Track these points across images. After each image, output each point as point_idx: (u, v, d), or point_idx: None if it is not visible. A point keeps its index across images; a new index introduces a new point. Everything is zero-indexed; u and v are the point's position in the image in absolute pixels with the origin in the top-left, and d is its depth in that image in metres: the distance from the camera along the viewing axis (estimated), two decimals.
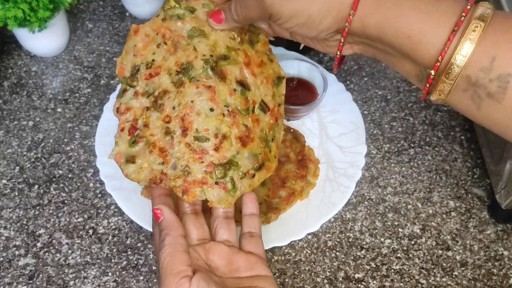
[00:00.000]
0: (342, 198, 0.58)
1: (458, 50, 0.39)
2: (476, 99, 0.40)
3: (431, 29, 0.40)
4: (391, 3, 0.42)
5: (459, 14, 0.40)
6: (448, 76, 0.40)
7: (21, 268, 0.55)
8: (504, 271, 0.55)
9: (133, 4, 0.79)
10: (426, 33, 0.41)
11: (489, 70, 0.39)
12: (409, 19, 0.41)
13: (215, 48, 0.48)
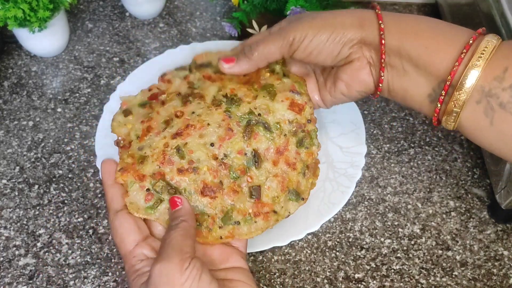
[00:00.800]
0: (342, 198, 0.58)
1: (472, 60, 0.41)
2: (488, 111, 0.41)
3: (447, 42, 0.43)
4: (410, 20, 0.46)
5: (472, 33, 0.43)
6: (463, 85, 0.41)
7: (21, 268, 0.55)
8: (504, 271, 0.55)
9: (133, 4, 0.79)
10: (442, 46, 0.43)
11: (502, 79, 0.40)
12: (426, 34, 0.44)
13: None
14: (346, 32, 0.45)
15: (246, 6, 0.71)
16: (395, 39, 0.45)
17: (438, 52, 0.43)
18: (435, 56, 0.43)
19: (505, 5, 0.57)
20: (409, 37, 0.44)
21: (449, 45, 0.43)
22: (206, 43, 0.74)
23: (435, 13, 0.82)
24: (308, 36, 0.45)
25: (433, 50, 0.43)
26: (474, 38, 0.42)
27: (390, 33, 0.45)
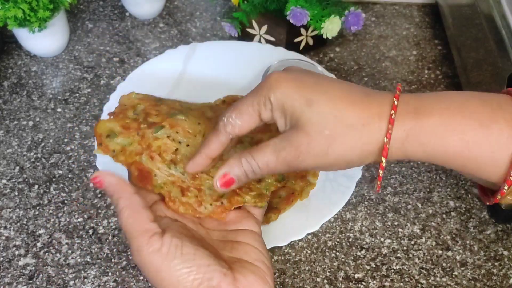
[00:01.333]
0: (342, 198, 0.58)
1: None
2: None
3: (493, 144, 0.37)
4: (434, 123, 0.37)
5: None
6: None
7: (21, 268, 0.55)
8: (504, 271, 0.55)
9: (133, 4, 0.79)
10: (485, 156, 0.37)
11: None
12: (460, 141, 0.37)
13: None
14: (353, 161, 0.40)
15: (246, 6, 0.71)
16: (420, 154, 0.38)
17: (484, 166, 0.38)
18: (481, 169, 0.38)
19: (505, 6, 0.57)
20: (438, 150, 0.38)
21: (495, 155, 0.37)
22: (206, 43, 0.74)
23: (435, 13, 0.83)
24: (320, 168, 0.44)
25: (479, 165, 0.38)
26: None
27: (413, 150, 0.38)
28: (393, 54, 0.78)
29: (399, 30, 0.82)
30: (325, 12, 0.69)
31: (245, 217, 0.45)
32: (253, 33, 0.75)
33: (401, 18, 0.84)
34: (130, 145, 0.47)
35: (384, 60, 0.77)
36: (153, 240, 0.37)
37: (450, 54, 0.76)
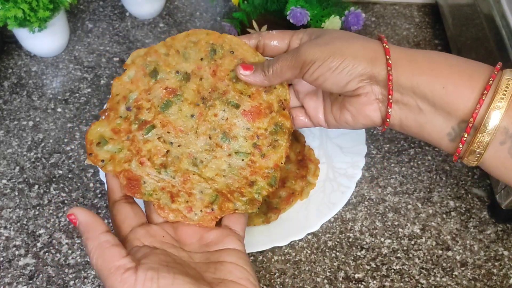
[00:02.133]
0: (342, 198, 0.58)
1: (494, 101, 0.39)
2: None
3: (465, 82, 0.41)
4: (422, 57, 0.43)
5: (491, 71, 0.41)
6: (486, 127, 0.40)
7: (21, 268, 0.55)
8: (504, 271, 0.55)
9: (133, 4, 0.79)
10: (461, 86, 0.41)
11: None
12: (442, 72, 0.42)
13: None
14: (356, 64, 0.43)
15: (246, 6, 0.71)
16: (408, 77, 0.43)
17: (456, 92, 0.41)
18: (453, 96, 0.41)
19: (505, 6, 0.57)
20: (423, 75, 0.42)
21: (467, 85, 0.41)
22: None
23: (435, 13, 0.82)
24: (317, 62, 0.44)
25: (451, 90, 0.41)
26: (493, 77, 0.40)
27: (403, 70, 0.43)
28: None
29: (399, 30, 0.82)
30: (325, 12, 0.69)
31: (227, 235, 0.45)
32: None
33: (401, 18, 0.84)
34: (119, 152, 0.47)
35: None
36: (126, 276, 0.36)
37: None
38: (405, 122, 0.45)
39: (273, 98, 0.48)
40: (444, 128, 0.43)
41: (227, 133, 0.48)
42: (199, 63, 0.49)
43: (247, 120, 0.48)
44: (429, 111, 0.43)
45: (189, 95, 0.48)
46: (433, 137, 0.44)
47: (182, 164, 0.47)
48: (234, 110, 0.48)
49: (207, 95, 0.48)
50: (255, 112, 0.48)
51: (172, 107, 0.48)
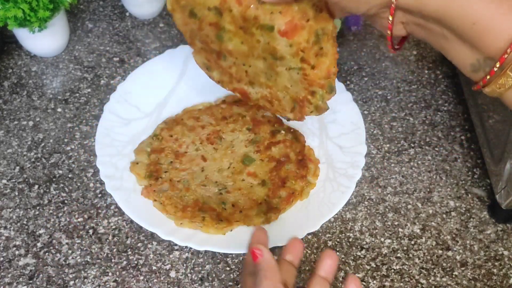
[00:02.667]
0: (342, 198, 0.58)
1: None
2: None
3: (501, 18, 0.38)
4: None
5: None
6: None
7: (21, 268, 0.55)
8: (504, 271, 0.55)
9: (133, 4, 0.79)
10: (495, 23, 0.39)
11: None
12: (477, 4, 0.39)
13: None
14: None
15: None
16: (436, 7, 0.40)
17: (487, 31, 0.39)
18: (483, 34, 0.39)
19: None
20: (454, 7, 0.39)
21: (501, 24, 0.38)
22: None
23: None
24: None
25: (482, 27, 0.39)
26: None
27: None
28: (393, 54, 0.78)
29: None
30: None
31: None
32: None
33: None
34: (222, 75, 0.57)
35: (384, 60, 0.76)
36: None
37: None
38: (429, 41, 0.44)
39: (304, 5, 0.46)
40: (469, 58, 0.41)
41: (274, 54, 0.49)
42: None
43: (287, 38, 0.47)
44: (455, 40, 0.41)
45: (230, 27, 0.50)
46: (455, 61, 0.43)
47: (261, 79, 0.53)
48: (270, 33, 0.47)
49: (243, 24, 0.49)
50: (292, 28, 0.47)
51: (224, 38, 0.51)
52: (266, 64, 0.51)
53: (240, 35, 0.50)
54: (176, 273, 0.54)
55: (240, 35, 0.50)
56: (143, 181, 0.60)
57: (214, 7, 0.49)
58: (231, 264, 0.55)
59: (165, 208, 0.57)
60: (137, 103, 0.67)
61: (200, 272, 0.55)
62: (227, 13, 0.49)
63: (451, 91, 0.72)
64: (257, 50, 0.50)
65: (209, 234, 0.55)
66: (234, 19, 0.49)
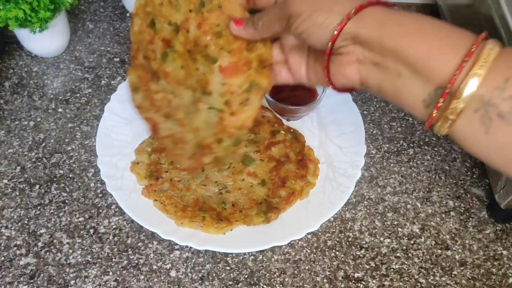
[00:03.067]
0: (341, 197, 0.58)
1: (474, 69, 0.40)
2: (485, 120, 0.40)
3: (449, 48, 0.41)
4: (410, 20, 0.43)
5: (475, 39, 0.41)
6: (461, 94, 0.40)
7: (22, 268, 0.55)
8: (503, 270, 0.55)
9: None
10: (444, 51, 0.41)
11: (503, 89, 0.39)
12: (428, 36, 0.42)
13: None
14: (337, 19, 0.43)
15: None
16: (393, 39, 0.43)
17: (439, 57, 0.42)
18: (435, 61, 0.42)
19: (504, 7, 0.57)
20: (408, 37, 0.42)
21: (451, 51, 0.41)
22: None
23: (435, 14, 0.83)
24: (303, 15, 0.43)
25: (434, 54, 0.42)
26: (476, 45, 0.41)
27: (388, 32, 0.43)
28: None
29: None
30: None
31: None
32: None
33: None
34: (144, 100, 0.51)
35: None
36: None
37: None
38: (383, 86, 0.45)
39: (253, 55, 0.48)
40: (421, 94, 0.43)
41: (205, 87, 0.48)
42: (188, 15, 0.48)
43: (223, 75, 0.48)
44: (408, 76, 0.43)
45: (180, 47, 0.49)
46: (408, 103, 0.44)
47: (180, 114, 0.50)
48: (211, 65, 0.48)
49: (192, 48, 0.49)
50: (232, 68, 0.48)
51: (168, 58, 0.49)
52: (192, 98, 0.49)
53: (184, 58, 0.49)
54: (177, 273, 0.55)
55: (184, 58, 0.49)
56: (143, 181, 0.60)
57: (175, 23, 0.49)
58: (231, 264, 0.55)
59: (166, 208, 0.57)
60: None
61: (200, 272, 0.55)
62: (183, 32, 0.48)
63: None
64: (191, 79, 0.49)
65: (209, 234, 0.56)
66: (187, 40, 0.49)
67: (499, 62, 0.40)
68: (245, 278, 0.54)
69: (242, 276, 0.54)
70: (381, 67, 0.44)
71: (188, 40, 0.49)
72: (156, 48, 0.50)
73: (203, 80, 0.48)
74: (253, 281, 0.54)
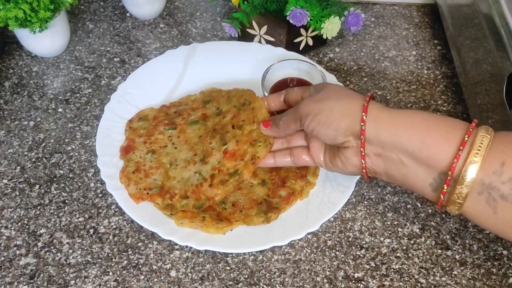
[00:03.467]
0: (341, 197, 0.58)
1: (470, 156, 0.43)
2: (491, 202, 0.43)
3: (442, 138, 0.45)
4: (401, 114, 0.47)
5: (466, 128, 0.45)
6: (464, 179, 0.43)
7: (22, 268, 0.55)
8: (503, 270, 0.55)
9: (134, 4, 0.79)
10: (439, 142, 0.45)
11: (501, 173, 0.42)
12: (420, 128, 0.46)
13: None
14: (341, 121, 0.49)
15: (246, 6, 0.71)
16: (389, 133, 0.47)
17: (435, 147, 0.45)
18: (432, 151, 0.45)
19: (504, 6, 0.57)
20: (403, 131, 0.46)
21: (445, 141, 0.45)
22: (206, 44, 0.74)
23: (435, 13, 0.83)
24: (310, 116, 0.50)
25: (430, 144, 0.45)
26: (468, 134, 0.44)
27: (383, 127, 0.47)
28: (393, 54, 0.78)
29: (399, 30, 0.82)
30: (325, 13, 0.70)
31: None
32: (253, 33, 0.76)
33: (401, 18, 0.84)
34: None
35: (383, 60, 0.77)
36: None
37: (449, 54, 0.76)
38: (389, 173, 0.49)
39: (250, 150, 0.56)
40: (426, 179, 0.47)
41: (206, 157, 0.58)
42: (232, 108, 0.62)
43: (223, 156, 0.57)
44: (411, 164, 0.47)
45: (210, 124, 0.63)
46: (417, 187, 0.48)
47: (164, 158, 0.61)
48: (221, 146, 0.58)
49: (217, 128, 0.61)
50: (231, 154, 0.57)
51: (195, 125, 0.64)
52: (189, 158, 0.60)
53: (207, 132, 0.62)
54: (177, 273, 0.55)
55: (207, 131, 0.62)
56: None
57: (221, 110, 0.64)
58: (231, 264, 0.55)
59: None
60: (137, 103, 0.67)
61: (201, 272, 0.55)
62: (221, 117, 0.62)
63: (450, 91, 0.72)
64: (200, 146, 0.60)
65: (209, 234, 0.56)
66: (219, 123, 0.61)
67: (493, 148, 0.43)
68: (245, 278, 0.54)
69: (242, 276, 0.54)
70: (383, 157, 0.49)
71: (220, 123, 0.61)
72: (193, 114, 0.65)
73: (208, 152, 0.59)
74: (253, 281, 0.54)
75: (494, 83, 0.57)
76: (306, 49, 0.76)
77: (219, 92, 0.66)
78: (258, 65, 0.70)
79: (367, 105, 0.48)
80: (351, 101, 0.49)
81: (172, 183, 0.59)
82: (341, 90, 0.52)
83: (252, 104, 0.60)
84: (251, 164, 0.56)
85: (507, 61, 0.54)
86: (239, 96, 0.62)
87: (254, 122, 0.58)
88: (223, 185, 0.56)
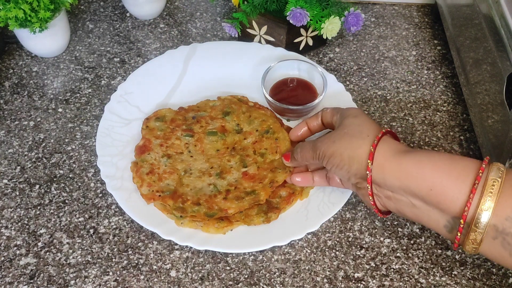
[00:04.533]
0: (341, 197, 0.58)
1: (482, 202, 0.42)
2: (506, 245, 0.43)
3: (452, 184, 0.44)
4: (409, 159, 0.47)
5: (477, 171, 0.44)
6: (477, 226, 0.43)
7: (22, 268, 0.55)
8: (503, 270, 0.55)
9: (134, 4, 0.79)
10: (448, 188, 0.44)
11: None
12: (428, 174, 0.45)
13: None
14: (351, 165, 0.50)
15: (246, 6, 0.71)
16: (396, 179, 0.47)
17: (444, 193, 0.44)
18: (442, 197, 0.44)
19: (504, 6, 0.57)
20: (410, 178, 0.46)
21: (454, 186, 0.44)
22: (206, 44, 0.74)
23: (435, 13, 0.83)
24: (326, 157, 0.52)
25: (439, 191, 0.44)
26: (478, 178, 0.43)
27: (390, 174, 0.47)
28: (393, 54, 0.78)
29: (399, 30, 0.82)
30: (325, 13, 0.70)
31: None
32: (253, 33, 0.76)
33: (401, 18, 0.84)
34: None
35: (383, 60, 0.77)
36: None
37: (449, 54, 0.76)
38: (402, 212, 0.50)
39: (270, 176, 0.59)
40: (440, 221, 0.47)
41: (223, 173, 0.60)
42: (253, 131, 0.63)
43: (241, 176, 0.59)
44: (422, 206, 0.47)
45: (229, 140, 0.63)
46: (432, 227, 0.48)
47: (179, 164, 0.61)
48: (241, 167, 0.60)
49: (238, 148, 0.62)
50: (251, 177, 0.59)
51: (213, 137, 0.63)
52: (204, 169, 0.61)
53: (225, 147, 0.63)
54: (177, 273, 0.55)
55: (225, 147, 0.63)
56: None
57: (241, 128, 0.65)
58: (231, 264, 0.55)
59: (166, 208, 0.57)
60: (137, 103, 0.67)
61: (201, 272, 0.55)
62: (241, 136, 0.63)
63: (450, 91, 0.72)
64: (217, 161, 0.61)
65: (209, 234, 0.56)
66: (238, 143, 0.63)
67: (505, 192, 0.42)
68: (245, 278, 0.54)
69: (242, 276, 0.54)
70: (393, 199, 0.49)
71: (239, 143, 0.63)
72: (212, 124, 0.64)
73: (226, 169, 0.60)
74: (253, 281, 0.54)
75: (494, 83, 0.57)
76: (306, 49, 0.76)
77: (239, 106, 0.66)
78: (258, 65, 0.70)
79: (373, 151, 0.48)
80: (361, 145, 0.50)
81: (185, 190, 0.58)
82: (356, 126, 0.52)
83: (276, 134, 0.62)
84: (269, 187, 0.58)
85: (507, 61, 0.54)
86: (262, 120, 0.64)
87: (276, 153, 0.61)
88: (238, 200, 0.57)
